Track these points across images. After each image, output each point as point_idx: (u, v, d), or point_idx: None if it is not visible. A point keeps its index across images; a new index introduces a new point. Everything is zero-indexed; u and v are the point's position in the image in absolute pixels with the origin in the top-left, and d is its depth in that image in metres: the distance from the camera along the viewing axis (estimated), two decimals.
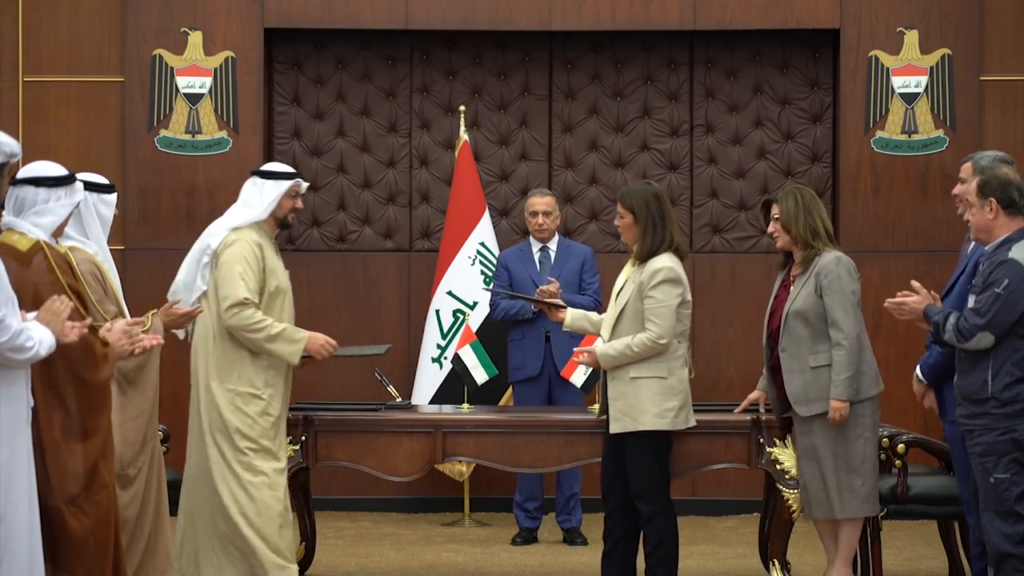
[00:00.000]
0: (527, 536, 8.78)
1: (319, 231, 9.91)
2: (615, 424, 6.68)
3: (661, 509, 6.70)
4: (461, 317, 9.06)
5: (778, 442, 7.01)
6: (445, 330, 9.19)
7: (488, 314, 8.92)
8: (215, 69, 9.59)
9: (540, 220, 8.69)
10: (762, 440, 7.01)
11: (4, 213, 5.28)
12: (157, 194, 9.61)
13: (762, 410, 7.08)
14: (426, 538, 8.92)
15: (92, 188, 6.12)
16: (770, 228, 6.94)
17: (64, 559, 5.06)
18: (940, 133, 9.57)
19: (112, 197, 6.24)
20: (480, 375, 7.67)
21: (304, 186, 7.09)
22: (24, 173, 5.37)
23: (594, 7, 9.65)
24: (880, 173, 9.62)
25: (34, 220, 5.28)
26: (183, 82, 9.60)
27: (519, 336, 8.60)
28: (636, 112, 10.00)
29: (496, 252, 9.19)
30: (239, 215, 6.98)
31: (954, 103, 9.56)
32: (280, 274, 6.94)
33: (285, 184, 6.99)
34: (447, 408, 7.91)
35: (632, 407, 6.63)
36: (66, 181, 5.40)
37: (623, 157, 9.99)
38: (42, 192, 5.33)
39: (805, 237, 6.78)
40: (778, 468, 6.98)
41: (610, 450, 6.82)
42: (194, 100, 9.60)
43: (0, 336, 4.69)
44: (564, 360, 8.35)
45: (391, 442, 7.18)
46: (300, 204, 7.10)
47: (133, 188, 9.55)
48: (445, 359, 9.09)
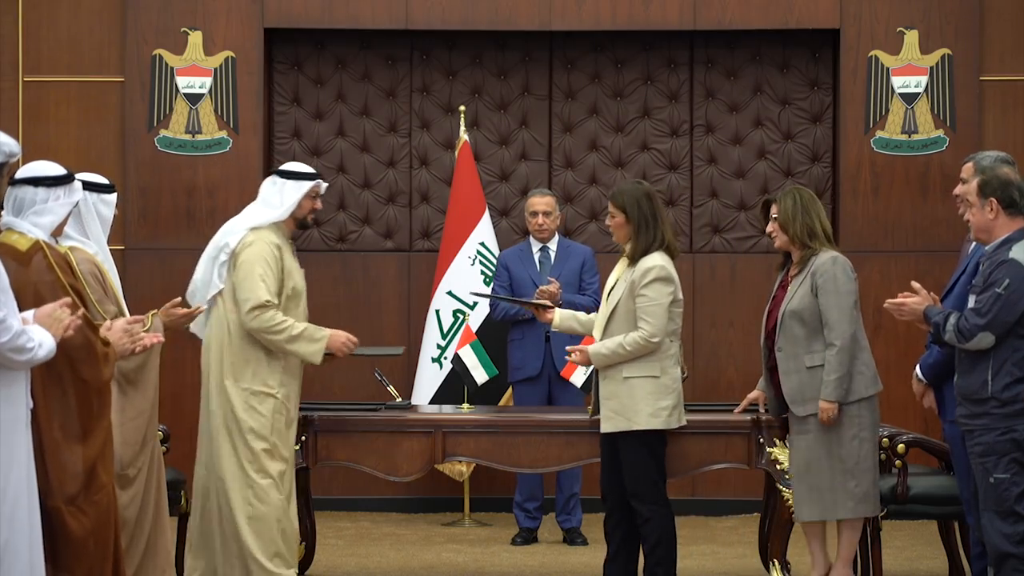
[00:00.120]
0: (527, 536, 8.77)
1: (319, 231, 9.91)
2: (606, 423, 6.68)
3: (658, 509, 6.70)
4: (461, 317, 9.06)
5: (778, 442, 7.00)
6: (445, 330, 9.19)
7: (488, 314, 8.92)
8: (215, 69, 9.59)
9: (540, 220, 8.69)
10: (762, 440, 7.01)
11: (3, 213, 5.28)
12: (157, 194, 9.61)
13: (762, 410, 7.08)
14: (426, 538, 8.92)
15: (92, 188, 6.12)
16: (768, 228, 6.94)
17: (64, 559, 5.06)
18: (940, 133, 9.57)
19: (112, 197, 6.24)
20: (480, 375, 7.67)
21: (324, 187, 7.09)
22: (23, 173, 5.37)
23: (594, 7, 9.65)
24: (880, 173, 9.62)
25: (33, 220, 5.27)
26: (183, 82, 9.60)
27: (519, 336, 8.60)
28: (636, 112, 10.00)
29: (496, 252, 9.19)
30: (259, 215, 6.96)
31: (954, 103, 9.56)
32: (297, 275, 6.95)
33: (306, 185, 6.98)
34: (447, 408, 7.90)
35: (626, 407, 6.63)
36: (65, 180, 5.40)
37: (623, 157, 9.99)
38: (41, 192, 5.32)
39: (802, 237, 6.77)
40: (778, 468, 6.97)
41: (606, 451, 6.82)
42: (194, 100, 9.60)
43: (0, 336, 4.69)
44: (564, 360, 8.34)
45: (391, 442, 7.17)
46: (320, 205, 7.10)
47: (133, 188, 9.55)
48: (445, 359, 9.09)
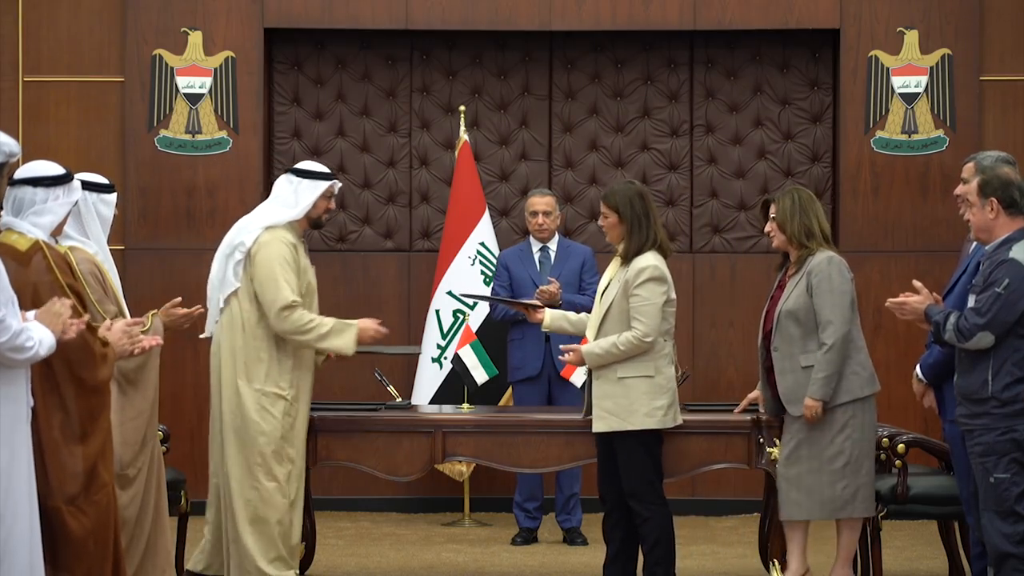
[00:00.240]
0: (527, 536, 8.77)
1: (319, 231, 9.88)
2: (599, 423, 6.67)
3: (657, 508, 6.69)
4: (461, 317, 9.05)
5: (778, 442, 6.99)
6: (445, 330, 9.19)
7: (488, 314, 8.91)
8: (215, 69, 9.59)
9: (540, 220, 8.69)
10: (762, 440, 7.00)
11: (3, 213, 5.28)
12: (157, 194, 9.61)
13: (762, 410, 7.07)
14: (426, 538, 8.92)
15: (92, 188, 6.12)
16: (767, 227, 6.94)
17: (64, 559, 5.06)
18: (940, 133, 9.57)
19: (112, 197, 6.24)
20: (480, 375, 7.67)
21: (338, 187, 7.10)
22: (21, 173, 5.36)
23: (594, 7, 9.64)
24: (880, 173, 9.61)
25: (33, 220, 5.27)
26: (183, 82, 9.60)
27: (519, 336, 8.59)
28: (636, 112, 10.00)
29: (496, 252, 9.18)
30: (274, 214, 6.96)
31: (954, 103, 9.56)
32: (310, 273, 6.99)
33: (323, 185, 6.99)
34: (447, 408, 7.90)
35: (621, 407, 6.63)
36: (63, 180, 5.40)
37: (623, 157, 9.99)
38: (40, 192, 5.32)
39: (799, 237, 6.76)
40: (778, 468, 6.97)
41: (603, 452, 6.81)
42: (194, 100, 9.60)
43: (0, 336, 4.69)
44: (564, 360, 8.33)
45: (391, 442, 7.17)
46: (333, 205, 7.11)
47: (133, 188, 9.54)
48: (445, 359, 9.09)
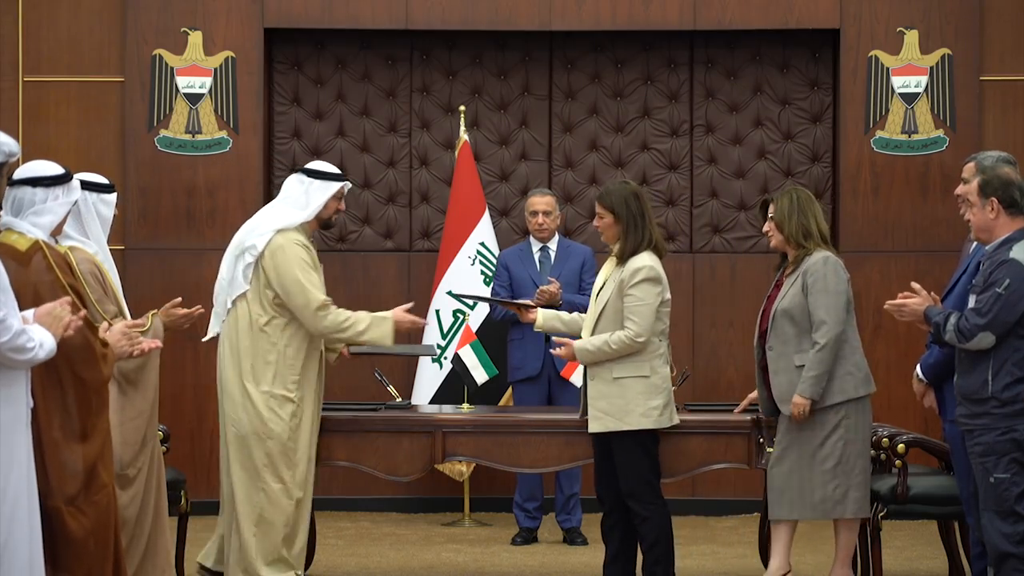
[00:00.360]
0: (527, 536, 8.77)
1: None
2: (594, 423, 6.67)
3: (655, 508, 6.69)
4: (461, 317, 9.05)
5: None
6: (445, 330, 9.19)
7: (488, 314, 8.91)
8: (215, 69, 9.59)
9: (540, 220, 8.69)
10: (762, 440, 7.00)
11: (3, 213, 5.27)
12: (157, 194, 9.61)
13: (760, 409, 7.07)
14: (426, 538, 8.92)
15: (92, 188, 6.13)
16: (765, 227, 6.94)
17: (64, 560, 5.06)
18: (940, 133, 9.57)
19: (112, 197, 6.24)
20: (480, 375, 7.67)
21: (348, 187, 7.10)
22: (20, 173, 5.36)
23: (594, 7, 9.64)
24: (880, 173, 9.61)
25: (33, 220, 5.27)
26: (183, 82, 9.60)
27: (519, 336, 8.59)
28: (636, 112, 10.00)
29: (496, 252, 9.19)
30: (285, 215, 6.94)
31: (954, 103, 9.56)
32: (321, 273, 7.04)
33: (334, 186, 6.99)
34: (447, 408, 7.90)
35: (617, 407, 6.63)
36: (63, 180, 5.40)
37: (623, 157, 9.99)
38: (39, 192, 5.32)
39: (797, 237, 6.76)
40: None
41: (600, 453, 6.81)
42: (194, 100, 9.60)
43: (1, 336, 4.69)
44: (564, 360, 8.34)
45: (391, 442, 7.17)
46: (344, 206, 7.11)
47: (133, 188, 9.54)
48: (445, 359, 9.09)
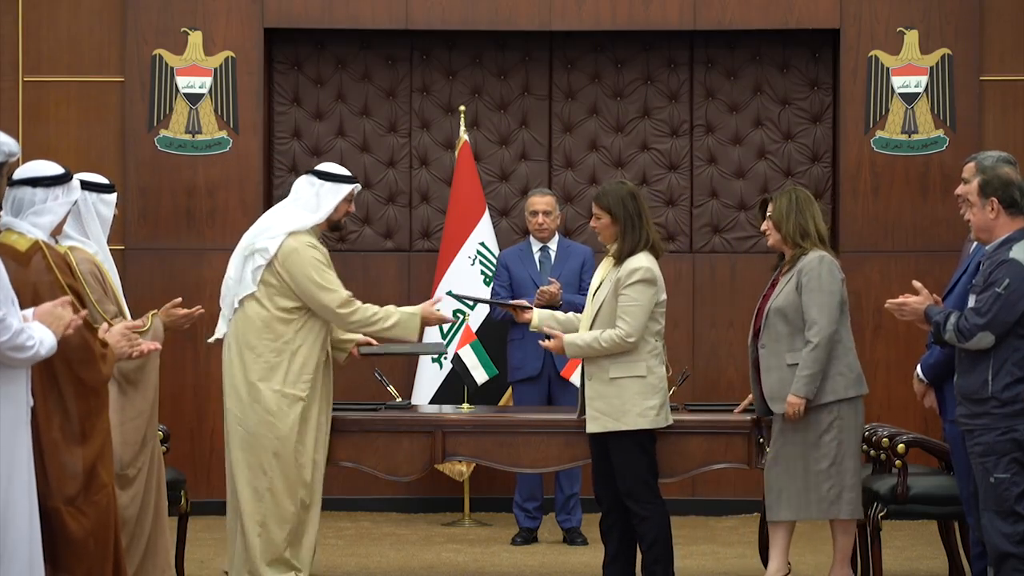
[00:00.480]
0: (527, 536, 8.77)
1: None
2: (592, 424, 6.66)
3: (653, 507, 6.68)
4: (461, 317, 9.05)
5: None
6: (445, 330, 9.18)
7: (488, 314, 8.91)
8: (215, 69, 9.59)
9: (540, 220, 8.69)
10: (762, 440, 6.99)
11: (3, 213, 5.27)
12: (157, 194, 9.61)
13: (756, 409, 7.06)
14: (426, 538, 8.92)
15: (92, 188, 6.13)
16: (763, 226, 6.94)
17: (64, 560, 5.06)
18: (940, 133, 9.57)
19: (112, 197, 6.24)
20: (480, 375, 7.66)
21: (359, 189, 7.09)
22: (20, 173, 5.35)
23: (594, 7, 9.64)
24: (880, 173, 9.61)
25: (33, 220, 5.27)
26: (183, 82, 9.60)
27: (519, 336, 8.59)
28: (636, 112, 10.00)
29: (496, 252, 9.19)
30: (296, 218, 6.93)
31: (954, 103, 9.56)
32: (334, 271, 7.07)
33: (345, 189, 6.97)
34: (447, 408, 7.90)
35: (613, 407, 6.62)
36: (63, 180, 5.39)
37: (623, 157, 9.99)
38: (39, 192, 5.32)
39: (794, 236, 6.76)
40: None
41: (597, 454, 6.81)
42: (194, 100, 9.60)
43: (1, 335, 4.69)
44: (564, 360, 8.33)
45: (391, 442, 7.17)
46: (353, 208, 7.10)
47: (133, 188, 9.54)
48: (445, 359, 9.09)
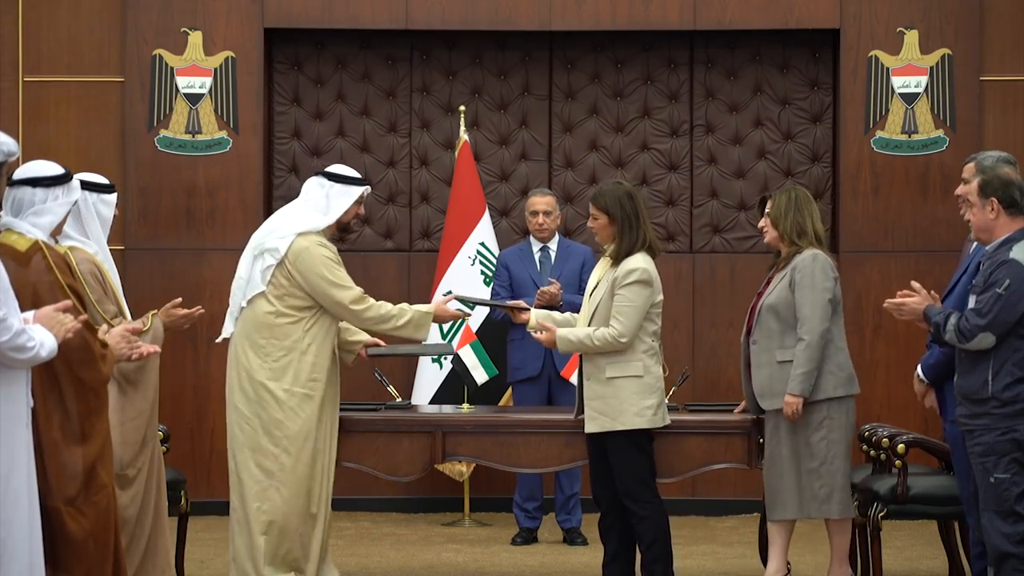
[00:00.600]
0: (527, 536, 8.77)
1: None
2: (591, 424, 6.66)
3: (652, 507, 6.68)
4: (461, 317, 9.04)
5: None
6: (445, 330, 9.18)
7: (488, 314, 8.91)
8: (215, 69, 9.59)
9: (540, 220, 8.68)
10: (762, 440, 6.99)
11: (2, 213, 5.27)
12: (157, 194, 9.61)
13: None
14: (426, 538, 8.92)
15: (92, 188, 6.13)
16: (760, 223, 6.94)
17: (63, 560, 5.06)
18: (940, 133, 9.57)
19: (112, 197, 6.24)
20: (480, 375, 7.66)
21: (369, 192, 7.09)
22: (20, 174, 5.35)
23: (594, 7, 9.64)
24: (880, 173, 9.61)
25: (32, 220, 5.27)
26: (183, 82, 9.60)
27: (519, 336, 8.58)
28: (636, 112, 10.00)
29: (496, 252, 9.19)
30: (306, 219, 6.91)
31: (954, 103, 9.56)
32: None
33: (356, 191, 6.95)
34: (447, 408, 7.90)
35: (611, 407, 6.62)
36: (63, 180, 5.39)
37: (623, 157, 9.99)
38: (39, 192, 5.31)
39: (791, 235, 6.77)
40: None
41: (595, 454, 6.80)
42: (194, 100, 9.60)
43: (1, 336, 4.69)
44: (564, 360, 8.34)
45: (391, 442, 7.17)
46: (363, 211, 7.09)
47: (133, 188, 9.55)
48: (445, 359, 9.09)
